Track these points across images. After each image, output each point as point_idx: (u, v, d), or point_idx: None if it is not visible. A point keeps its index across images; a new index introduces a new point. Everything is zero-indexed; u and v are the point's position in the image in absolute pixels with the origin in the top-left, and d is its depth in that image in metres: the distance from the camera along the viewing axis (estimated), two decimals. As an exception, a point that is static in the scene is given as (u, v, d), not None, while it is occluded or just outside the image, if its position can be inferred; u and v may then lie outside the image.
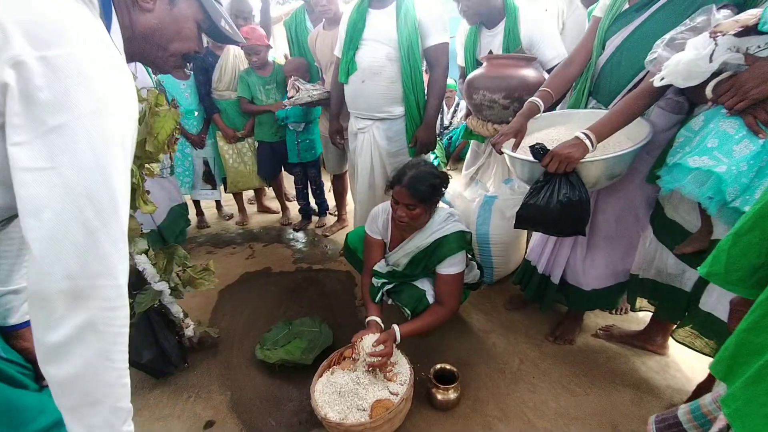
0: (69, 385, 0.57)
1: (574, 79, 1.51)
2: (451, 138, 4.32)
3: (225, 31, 0.83)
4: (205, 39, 0.84)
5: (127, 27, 0.70)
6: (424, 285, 1.64)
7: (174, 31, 0.75)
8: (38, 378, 0.82)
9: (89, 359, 0.56)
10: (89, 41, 0.56)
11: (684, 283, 1.34)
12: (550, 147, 1.22)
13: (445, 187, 1.60)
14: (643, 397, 1.47)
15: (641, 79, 1.28)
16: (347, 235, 1.95)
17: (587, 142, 1.17)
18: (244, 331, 1.92)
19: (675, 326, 1.44)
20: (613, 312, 1.92)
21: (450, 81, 3.59)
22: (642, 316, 1.86)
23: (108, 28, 0.64)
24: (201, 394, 1.56)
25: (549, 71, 1.84)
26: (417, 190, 1.44)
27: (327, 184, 2.98)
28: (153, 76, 2.20)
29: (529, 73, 1.74)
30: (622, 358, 1.65)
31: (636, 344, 1.69)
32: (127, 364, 0.62)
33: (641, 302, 1.56)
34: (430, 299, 1.60)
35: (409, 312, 1.61)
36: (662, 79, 1.03)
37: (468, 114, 2.02)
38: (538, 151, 1.21)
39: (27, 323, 0.85)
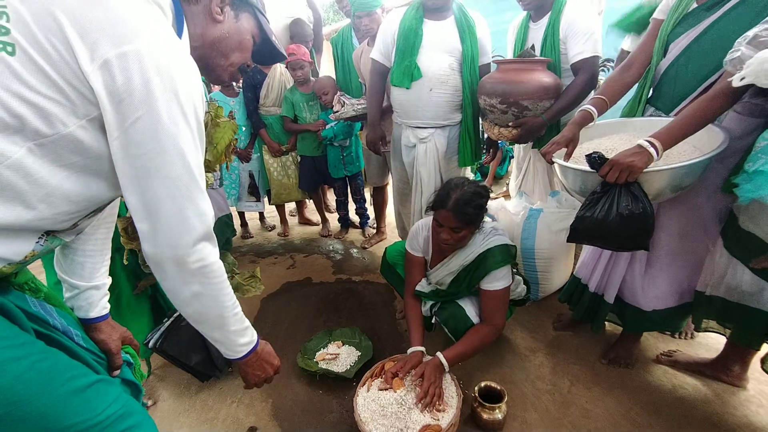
0: (196, 319, 0.78)
1: (631, 85, 1.44)
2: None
3: (275, 45, 0.88)
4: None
5: (198, 37, 0.75)
6: (465, 303, 1.56)
7: (237, 41, 0.81)
8: (110, 368, 0.86)
9: (205, 304, 0.76)
10: (158, 33, 0.61)
11: (763, 302, 1.20)
12: (607, 156, 1.15)
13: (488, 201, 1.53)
14: (719, 434, 1.32)
15: (713, 82, 1.19)
16: (386, 249, 1.87)
17: (651, 150, 1.09)
18: (285, 339, 1.94)
19: (763, 355, 1.26)
20: (677, 336, 1.75)
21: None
22: (712, 342, 1.69)
23: (179, 36, 0.70)
24: (244, 400, 1.59)
25: (572, 67, 1.77)
26: (464, 213, 1.35)
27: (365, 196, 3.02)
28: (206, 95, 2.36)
29: (531, 77, 1.69)
30: (690, 388, 1.50)
31: (707, 373, 1.52)
32: (234, 301, 0.81)
33: (707, 323, 1.41)
34: (473, 318, 1.52)
35: (447, 330, 1.56)
36: (743, 78, 0.95)
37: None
38: (596, 159, 1.14)
39: (105, 316, 0.89)
